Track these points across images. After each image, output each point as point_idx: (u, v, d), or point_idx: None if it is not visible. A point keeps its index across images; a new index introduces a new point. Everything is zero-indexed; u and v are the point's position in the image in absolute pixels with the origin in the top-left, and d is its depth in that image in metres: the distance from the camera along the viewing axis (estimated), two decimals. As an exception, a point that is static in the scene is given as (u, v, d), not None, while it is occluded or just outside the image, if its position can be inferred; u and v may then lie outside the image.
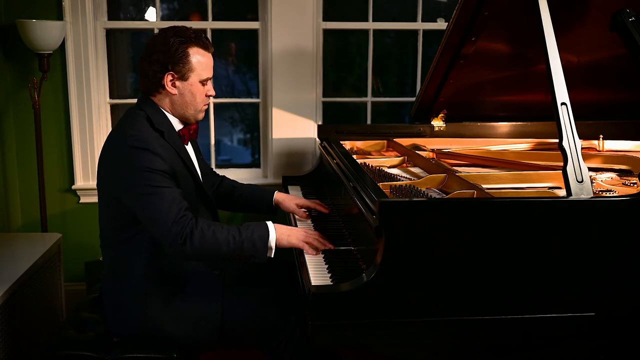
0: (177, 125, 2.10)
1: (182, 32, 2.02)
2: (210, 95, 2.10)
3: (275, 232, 1.97)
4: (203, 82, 2.06)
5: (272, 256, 1.97)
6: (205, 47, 2.05)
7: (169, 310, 2.01)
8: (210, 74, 2.08)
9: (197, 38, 2.03)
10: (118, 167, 1.95)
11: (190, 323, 2.02)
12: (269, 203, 2.44)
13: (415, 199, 1.88)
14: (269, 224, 1.99)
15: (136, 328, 2.02)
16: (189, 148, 2.17)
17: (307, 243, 2.00)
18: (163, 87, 2.03)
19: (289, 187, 2.92)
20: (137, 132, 1.95)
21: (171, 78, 2.01)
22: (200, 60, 2.03)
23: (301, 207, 2.41)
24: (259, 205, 2.47)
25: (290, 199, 2.44)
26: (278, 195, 2.44)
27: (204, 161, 2.36)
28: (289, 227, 2.04)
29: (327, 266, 1.90)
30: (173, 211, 1.88)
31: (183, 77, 2.02)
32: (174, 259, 2.00)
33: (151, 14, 3.43)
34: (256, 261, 1.95)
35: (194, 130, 2.16)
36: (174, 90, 2.03)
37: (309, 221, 2.38)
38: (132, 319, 2.02)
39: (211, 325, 2.02)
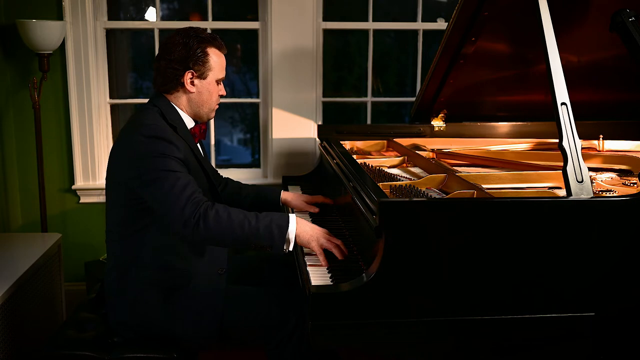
0: (189, 123, 2.13)
1: (200, 32, 2.07)
2: (222, 95, 2.16)
3: (296, 227, 1.91)
4: (218, 82, 2.12)
5: (290, 249, 1.92)
6: (220, 48, 2.11)
7: (171, 306, 2.02)
8: (224, 74, 2.14)
9: (214, 39, 2.09)
10: (132, 155, 1.96)
11: (191, 320, 2.02)
12: (276, 202, 2.47)
13: (415, 199, 1.87)
14: (291, 216, 1.94)
15: (138, 321, 2.03)
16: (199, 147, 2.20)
17: (325, 249, 1.90)
18: (182, 85, 2.06)
19: (289, 187, 2.92)
20: (152, 123, 1.99)
21: (190, 76, 2.06)
22: (217, 61, 2.09)
23: (309, 203, 2.45)
24: (266, 205, 2.47)
25: (297, 197, 2.47)
26: (285, 195, 2.48)
27: (209, 162, 2.37)
28: (313, 226, 1.96)
29: (327, 266, 1.90)
30: (187, 193, 1.89)
31: (202, 76, 2.07)
32: (179, 255, 2.02)
33: (151, 14, 3.43)
34: (272, 252, 1.91)
35: (204, 130, 2.20)
36: (192, 89, 2.07)
37: (309, 220, 2.38)
38: (135, 314, 2.03)
39: (212, 322, 2.02)
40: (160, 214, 1.93)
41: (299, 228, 1.92)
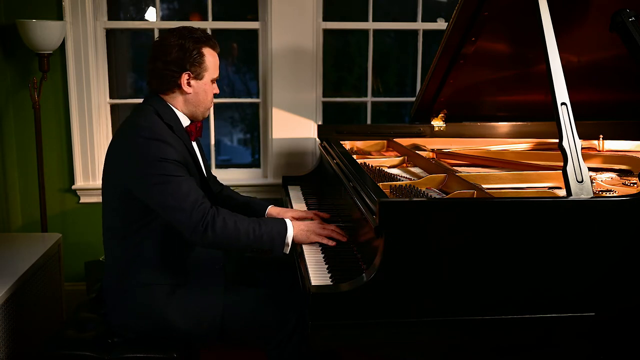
0: (185, 122, 2.13)
1: (194, 32, 2.07)
2: (216, 94, 2.17)
3: (293, 229, 2.03)
4: (213, 81, 2.12)
5: (287, 252, 2.02)
6: (214, 47, 2.11)
7: (172, 304, 2.02)
8: (218, 73, 2.15)
9: (208, 39, 2.09)
10: (130, 158, 1.96)
11: (192, 316, 2.02)
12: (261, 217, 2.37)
13: (415, 199, 1.88)
14: (287, 220, 2.04)
15: (139, 322, 2.03)
16: (194, 146, 2.20)
17: (326, 237, 2.06)
18: (179, 86, 2.07)
19: (289, 187, 2.92)
20: (149, 124, 1.99)
21: (187, 77, 2.06)
22: (212, 60, 2.10)
23: (298, 219, 2.31)
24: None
25: (284, 213, 2.33)
26: (271, 210, 2.36)
27: (207, 164, 2.37)
28: (306, 223, 2.09)
29: (327, 266, 1.90)
30: (191, 198, 1.91)
31: (198, 77, 2.07)
32: (178, 252, 2.03)
33: (151, 14, 3.43)
34: (271, 255, 2.02)
35: (200, 127, 2.19)
36: (189, 89, 2.08)
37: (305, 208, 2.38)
38: (135, 313, 2.03)
39: (213, 319, 2.03)
40: (167, 219, 1.94)
41: (296, 230, 2.03)
